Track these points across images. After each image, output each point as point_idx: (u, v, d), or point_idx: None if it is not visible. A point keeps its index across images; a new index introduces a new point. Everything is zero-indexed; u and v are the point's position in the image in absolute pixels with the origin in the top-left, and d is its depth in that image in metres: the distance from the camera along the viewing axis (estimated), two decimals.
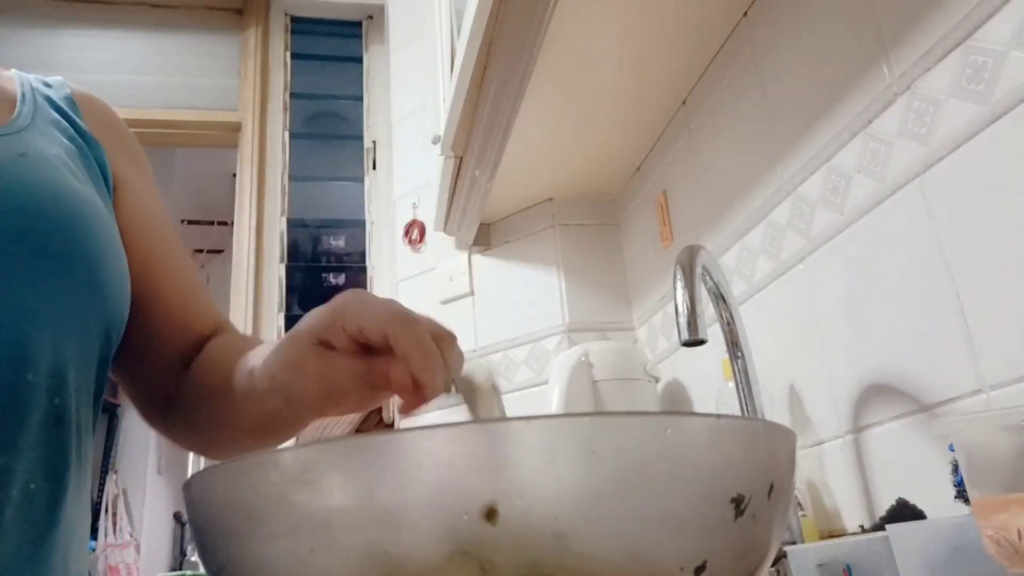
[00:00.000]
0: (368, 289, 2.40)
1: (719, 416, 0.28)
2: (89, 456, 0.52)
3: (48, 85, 0.60)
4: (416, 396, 0.41)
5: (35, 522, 0.45)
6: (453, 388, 0.43)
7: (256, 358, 0.50)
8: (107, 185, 0.58)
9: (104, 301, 0.51)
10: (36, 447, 0.45)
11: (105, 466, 3.82)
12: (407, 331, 0.40)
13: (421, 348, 0.40)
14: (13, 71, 0.59)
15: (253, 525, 0.28)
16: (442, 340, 0.42)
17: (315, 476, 0.26)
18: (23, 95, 0.56)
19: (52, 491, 0.46)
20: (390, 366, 0.41)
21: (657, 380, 1.40)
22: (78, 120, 0.59)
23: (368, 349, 0.43)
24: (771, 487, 0.29)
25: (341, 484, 0.26)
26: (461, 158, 1.46)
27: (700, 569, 0.27)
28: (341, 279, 2.46)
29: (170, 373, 0.59)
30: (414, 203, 1.96)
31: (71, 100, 0.60)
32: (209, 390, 0.56)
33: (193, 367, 0.59)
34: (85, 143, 0.58)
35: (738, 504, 0.28)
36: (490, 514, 0.25)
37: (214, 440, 0.58)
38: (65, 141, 0.56)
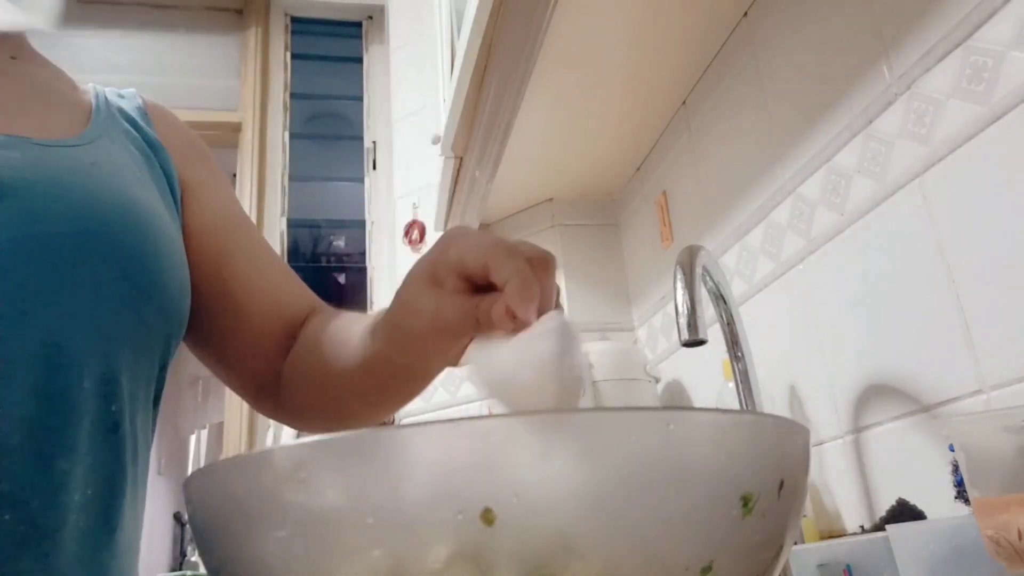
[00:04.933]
0: (368, 290, 2.40)
1: (724, 411, 0.28)
2: (146, 462, 0.53)
3: (121, 96, 0.63)
4: (515, 326, 0.39)
5: (94, 528, 0.45)
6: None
7: (376, 318, 0.50)
8: (172, 192, 0.60)
9: (163, 308, 0.52)
10: (92, 453, 0.46)
11: None
12: (507, 261, 0.39)
13: (518, 276, 0.38)
14: (91, 85, 0.62)
15: (248, 524, 0.28)
16: (539, 265, 0.40)
17: (308, 475, 0.26)
18: (98, 107, 0.59)
19: (109, 498, 0.47)
20: (494, 301, 0.40)
21: (657, 380, 1.40)
22: (148, 129, 0.61)
23: (479, 287, 0.41)
24: (781, 485, 0.29)
25: (334, 483, 0.26)
26: (461, 158, 1.46)
27: (707, 569, 0.27)
28: (341, 279, 2.46)
29: (272, 361, 0.61)
30: (414, 203, 1.96)
31: (143, 111, 0.63)
32: (315, 368, 0.57)
33: (294, 350, 0.60)
34: (152, 151, 0.60)
35: (746, 502, 0.27)
36: (486, 514, 0.25)
37: (329, 416, 0.59)
38: (134, 150, 0.58)
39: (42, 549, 0.42)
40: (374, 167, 2.51)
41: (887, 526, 0.62)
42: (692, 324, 0.80)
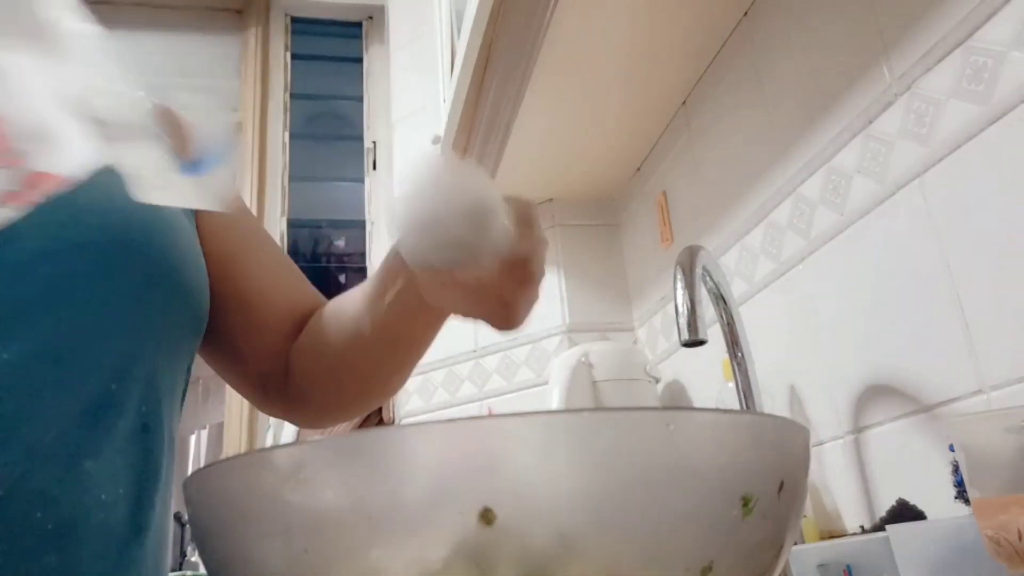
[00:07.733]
0: None
1: (724, 411, 0.28)
2: (174, 460, 0.54)
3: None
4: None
5: (121, 526, 0.46)
6: None
7: (372, 295, 0.55)
8: None
9: (189, 309, 0.53)
10: (125, 453, 0.46)
11: None
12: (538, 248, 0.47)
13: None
14: None
15: (248, 524, 0.28)
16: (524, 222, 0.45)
17: (308, 475, 0.26)
18: None
19: (141, 495, 0.48)
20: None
21: (657, 380, 1.40)
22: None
23: None
24: (781, 485, 0.29)
25: (334, 483, 0.26)
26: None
27: (707, 570, 0.27)
28: (341, 279, 2.46)
29: (283, 359, 0.63)
30: None
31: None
32: (318, 349, 0.60)
33: (301, 337, 0.62)
34: None
35: (746, 503, 0.27)
36: (486, 514, 0.25)
37: (331, 402, 0.62)
38: None
39: (66, 546, 0.43)
40: (374, 167, 2.51)
41: (887, 526, 0.62)
42: (692, 324, 0.80)
